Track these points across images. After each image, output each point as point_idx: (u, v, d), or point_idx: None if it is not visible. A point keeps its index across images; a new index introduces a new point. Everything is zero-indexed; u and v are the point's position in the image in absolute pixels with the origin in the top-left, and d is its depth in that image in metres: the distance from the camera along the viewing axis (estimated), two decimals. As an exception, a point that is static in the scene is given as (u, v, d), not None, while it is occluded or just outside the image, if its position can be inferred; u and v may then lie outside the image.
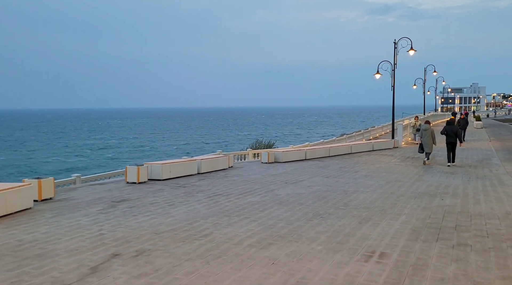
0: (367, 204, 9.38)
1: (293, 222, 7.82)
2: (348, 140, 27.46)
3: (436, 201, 9.88)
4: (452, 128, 17.50)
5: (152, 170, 12.40)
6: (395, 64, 25.99)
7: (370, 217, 8.23)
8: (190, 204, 9.41)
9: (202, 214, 8.42)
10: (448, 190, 11.30)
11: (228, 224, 7.66)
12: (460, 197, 10.39)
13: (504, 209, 9.08)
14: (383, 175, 14.20)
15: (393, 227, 7.53)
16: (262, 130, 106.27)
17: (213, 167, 14.92)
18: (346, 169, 15.95)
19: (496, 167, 16.81)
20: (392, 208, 9.04)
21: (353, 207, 9.06)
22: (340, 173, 14.68)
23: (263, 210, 8.74)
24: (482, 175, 14.46)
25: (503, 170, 15.94)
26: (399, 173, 14.94)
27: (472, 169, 16.09)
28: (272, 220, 7.93)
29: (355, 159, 19.57)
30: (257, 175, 14.21)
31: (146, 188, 11.33)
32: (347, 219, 8.03)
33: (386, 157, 20.23)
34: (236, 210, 8.81)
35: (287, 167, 16.32)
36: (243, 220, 7.92)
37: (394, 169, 15.95)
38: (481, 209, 9.01)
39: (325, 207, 9.04)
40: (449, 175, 14.36)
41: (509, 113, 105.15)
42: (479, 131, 38.96)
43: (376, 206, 9.18)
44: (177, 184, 12.00)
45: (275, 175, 14.08)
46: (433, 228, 7.44)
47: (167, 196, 10.27)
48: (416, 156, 20.69)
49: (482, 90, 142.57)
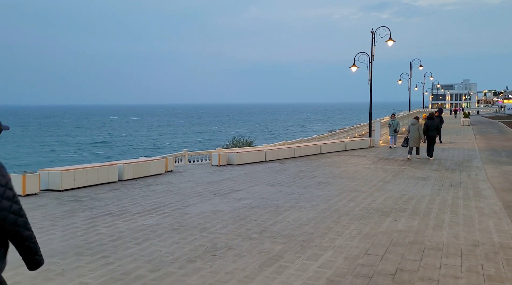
0: (292, 230, 6.95)
1: (164, 266, 5.34)
2: (331, 137, 25.07)
3: (386, 223, 7.48)
4: (432, 122, 17.62)
5: (50, 179, 9.93)
6: (372, 56, 23.53)
7: (283, 254, 5.81)
8: (50, 231, 6.88)
9: (48, 250, 5.94)
10: (408, 206, 8.90)
11: (55, 274, 5.20)
12: (419, 216, 7.99)
13: (471, 237, 6.68)
14: (341, 182, 11.82)
15: (304, 274, 5.11)
16: (251, 127, 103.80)
17: (142, 173, 12.47)
18: (303, 173, 13.55)
19: (477, 171, 14.45)
20: (322, 236, 6.62)
21: (269, 236, 6.63)
22: (293, 180, 12.28)
23: (140, 243, 6.23)
24: (457, 182, 12.08)
25: (483, 175, 13.57)
26: (362, 179, 12.55)
27: (448, 174, 13.73)
28: (134, 263, 5.40)
29: (322, 160, 17.18)
30: (191, 182, 11.79)
31: (26, 204, 8.83)
32: (248, 258, 5.61)
33: (357, 158, 17.84)
34: (101, 242, 6.24)
35: (236, 171, 13.90)
36: (86, 266, 5.33)
37: (359, 174, 13.56)
38: (441, 238, 6.61)
39: (232, 235, 6.61)
40: (418, 182, 11.97)
41: (500, 110, 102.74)
42: (466, 129, 36.56)
43: (302, 233, 6.76)
44: (73, 197, 9.49)
45: (212, 183, 11.65)
46: (361, 277, 5.03)
47: (36, 217, 7.78)
48: (391, 157, 18.32)
49: (473, 87, 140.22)
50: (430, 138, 17.50)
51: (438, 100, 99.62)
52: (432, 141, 17.59)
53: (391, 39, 23.46)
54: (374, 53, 23.56)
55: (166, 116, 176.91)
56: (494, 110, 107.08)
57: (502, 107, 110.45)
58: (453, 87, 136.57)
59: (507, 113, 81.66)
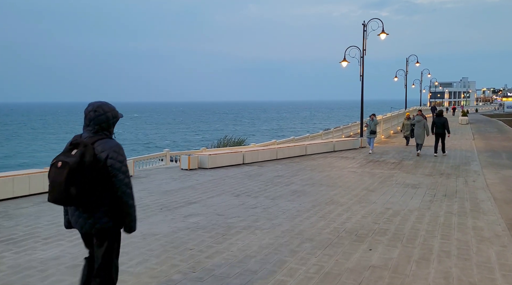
0: (231, 267, 5.19)
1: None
2: (325, 136, 23.36)
3: (358, 253, 5.76)
4: (440, 119, 17.40)
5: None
6: (364, 50, 21.76)
7: (202, 310, 4.11)
8: None
9: None
10: (391, 226, 7.17)
11: None
12: (402, 242, 6.27)
13: (467, 277, 4.96)
14: (318, 191, 10.12)
15: None
16: (246, 125, 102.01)
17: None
18: (279, 179, 11.85)
19: (475, 176, 12.74)
20: (266, 278, 4.87)
21: (195, 277, 4.86)
22: (264, 188, 10.58)
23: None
24: (452, 191, 10.38)
25: (482, 181, 11.87)
26: (343, 186, 10.85)
27: (443, 179, 12.02)
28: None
29: (305, 163, 15.48)
30: (144, 191, 10.06)
31: None
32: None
33: (344, 161, 16.13)
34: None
35: (204, 177, 12.20)
36: None
37: (342, 180, 11.86)
38: (427, 280, 4.90)
39: (144, 277, 4.88)
40: (408, 191, 10.27)
41: (499, 108, 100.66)
42: (464, 128, 34.77)
43: (241, 273, 4.99)
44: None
45: (169, 192, 9.94)
46: None
47: None
48: (382, 159, 16.61)
49: (472, 84, 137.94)
50: (437, 135, 17.35)
51: (437, 98, 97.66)
52: (440, 137, 17.42)
53: (384, 32, 21.68)
54: (366, 47, 21.80)
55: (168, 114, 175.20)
56: (493, 108, 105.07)
57: (501, 105, 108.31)
58: (451, 85, 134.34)
59: (506, 111, 79.66)
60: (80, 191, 3.10)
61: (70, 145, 3.24)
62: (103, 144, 3.27)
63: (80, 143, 3.22)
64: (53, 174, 3.13)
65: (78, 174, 3.08)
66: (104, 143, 3.28)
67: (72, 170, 3.07)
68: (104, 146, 3.26)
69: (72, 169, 3.07)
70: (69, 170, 3.06)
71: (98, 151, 3.24)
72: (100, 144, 3.26)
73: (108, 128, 3.38)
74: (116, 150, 3.28)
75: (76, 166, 3.08)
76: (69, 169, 3.06)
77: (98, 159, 3.21)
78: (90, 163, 3.14)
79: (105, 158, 3.23)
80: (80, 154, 3.13)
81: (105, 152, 3.24)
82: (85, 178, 3.11)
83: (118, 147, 3.32)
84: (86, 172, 3.11)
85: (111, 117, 3.39)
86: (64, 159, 3.12)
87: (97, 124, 3.32)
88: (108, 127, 3.38)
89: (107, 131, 3.38)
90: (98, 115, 3.33)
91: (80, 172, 3.09)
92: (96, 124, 3.32)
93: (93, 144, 3.25)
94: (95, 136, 3.31)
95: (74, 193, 3.08)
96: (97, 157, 3.21)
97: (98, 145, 3.25)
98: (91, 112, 3.34)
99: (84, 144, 3.19)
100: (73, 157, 3.13)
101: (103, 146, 3.26)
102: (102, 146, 3.26)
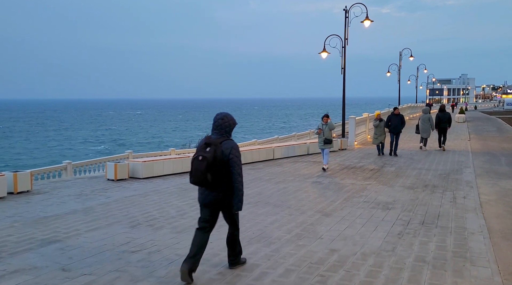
0: None
1: None
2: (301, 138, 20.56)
3: None
4: (444, 115, 17.66)
5: None
6: (346, 39, 18.91)
7: None
8: None
9: None
10: (320, 293, 4.41)
11: None
12: None
13: None
14: (255, 216, 7.40)
15: None
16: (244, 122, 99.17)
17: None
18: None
19: (466, 189, 9.97)
20: None
21: None
22: (183, 212, 7.85)
23: None
24: (433, 214, 7.64)
25: (474, 197, 9.09)
26: (294, 207, 8.12)
27: (425, 195, 9.26)
28: None
29: (267, 170, 12.75)
30: (11, 218, 7.33)
31: None
32: None
33: (314, 167, 13.36)
34: None
35: (123, 192, 9.47)
36: None
37: (298, 196, 9.12)
38: None
39: None
40: (375, 214, 7.52)
41: (498, 105, 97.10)
42: (460, 126, 31.80)
43: None
44: None
45: (44, 220, 7.20)
46: None
47: None
48: (359, 164, 13.83)
49: (471, 81, 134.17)
50: (441, 130, 17.69)
51: (435, 94, 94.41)
52: (441, 131, 17.77)
53: (368, 18, 18.78)
54: (348, 36, 18.92)
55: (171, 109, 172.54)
56: (493, 105, 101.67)
57: (500, 102, 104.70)
58: (451, 81, 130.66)
59: (505, 108, 76.31)
60: (213, 177, 4.40)
61: (204, 144, 4.48)
62: (227, 143, 4.55)
63: (212, 142, 4.47)
64: (196, 165, 4.40)
65: (212, 165, 4.37)
66: (227, 143, 4.57)
67: (209, 162, 4.35)
68: (227, 145, 4.55)
69: (209, 162, 4.35)
70: (207, 162, 4.34)
71: (224, 148, 4.50)
72: (225, 144, 4.54)
73: (229, 132, 4.68)
74: (235, 148, 4.58)
75: (211, 160, 4.36)
76: (207, 162, 4.34)
77: (224, 155, 4.48)
78: (220, 157, 4.42)
79: (228, 154, 4.50)
80: (213, 151, 4.39)
81: (228, 149, 4.52)
82: (216, 168, 4.40)
83: (236, 146, 4.62)
84: (217, 164, 4.40)
85: (232, 124, 4.71)
86: (204, 154, 4.38)
87: (222, 129, 4.62)
88: (230, 131, 4.68)
89: (228, 134, 4.66)
90: (224, 122, 4.64)
91: (214, 164, 4.38)
92: (222, 129, 4.62)
93: (221, 144, 4.50)
94: (221, 138, 4.58)
95: (210, 178, 4.38)
96: (223, 153, 4.47)
97: (224, 144, 4.53)
98: (219, 120, 4.64)
99: (215, 143, 4.46)
100: (208, 153, 4.38)
101: (227, 145, 4.54)
102: (226, 145, 4.53)
